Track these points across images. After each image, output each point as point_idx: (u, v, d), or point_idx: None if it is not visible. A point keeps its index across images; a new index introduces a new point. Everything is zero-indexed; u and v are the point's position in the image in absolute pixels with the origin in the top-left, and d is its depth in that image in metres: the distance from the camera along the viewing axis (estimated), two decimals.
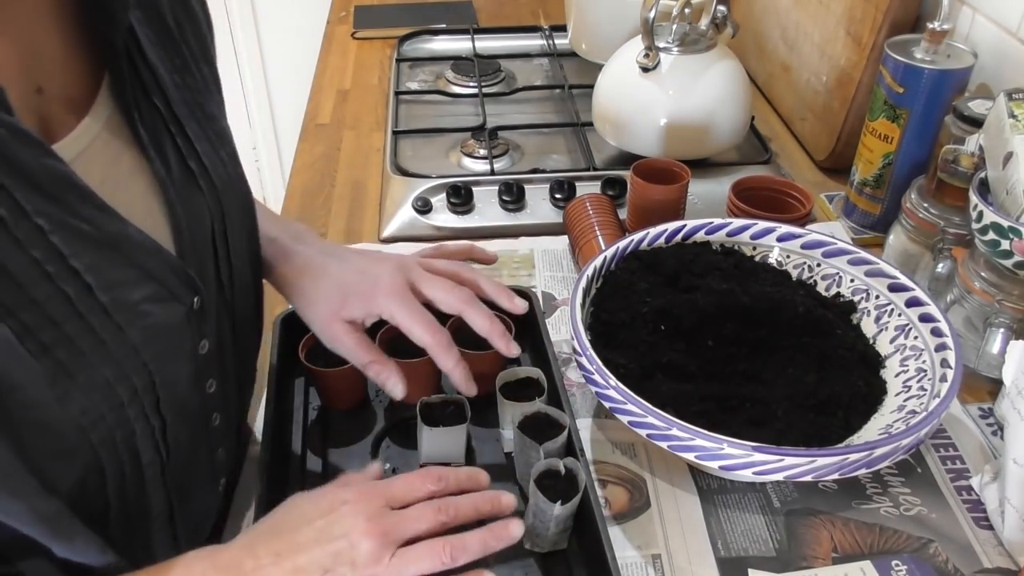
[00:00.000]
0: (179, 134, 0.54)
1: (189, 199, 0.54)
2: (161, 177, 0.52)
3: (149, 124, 0.52)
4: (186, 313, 0.52)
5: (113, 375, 0.46)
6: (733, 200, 0.88)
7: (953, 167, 0.79)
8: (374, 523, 0.49)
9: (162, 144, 0.52)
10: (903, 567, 0.61)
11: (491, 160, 1.09)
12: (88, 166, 0.46)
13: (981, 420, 0.74)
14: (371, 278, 0.65)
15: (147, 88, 0.52)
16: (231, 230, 0.59)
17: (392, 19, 1.54)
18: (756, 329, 0.72)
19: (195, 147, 0.55)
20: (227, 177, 0.58)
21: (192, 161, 0.54)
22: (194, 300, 0.53)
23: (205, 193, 0.55)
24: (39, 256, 0.42)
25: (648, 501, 0.67)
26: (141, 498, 0.51)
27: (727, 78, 1.04)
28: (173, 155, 0.53)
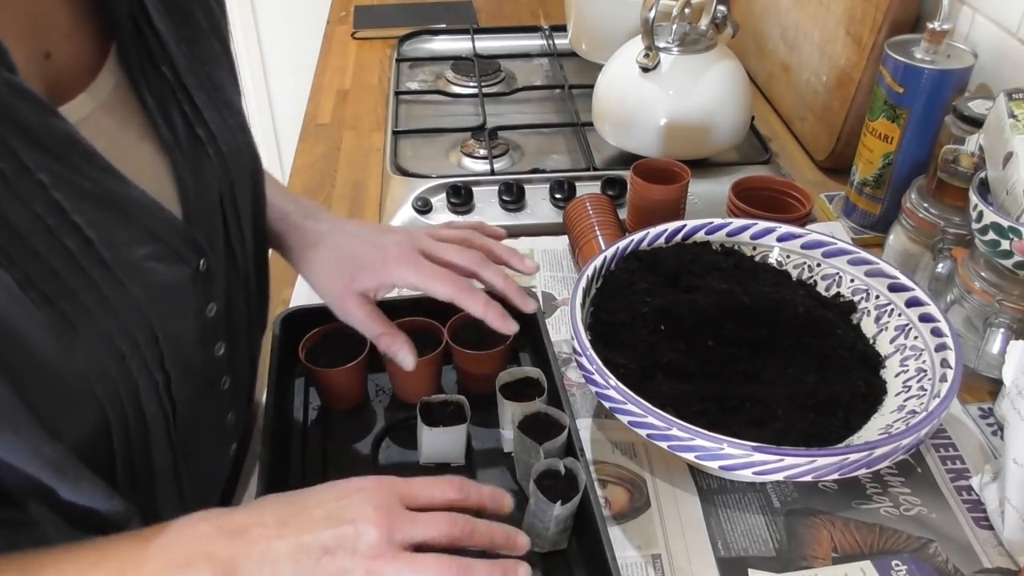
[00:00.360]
0: (186, 102, 0.55)
1: (196, 165, 0.55)
2: (168, 142, 0.53)
3: (156, 91, 0.53)
4: (192, 275, 0.53)
5: (116, 328, 0.47)
6: (733, 200, 0.88)
7: (953, 167, 0.79)
8: (383, 514, 0.48)
9: (169, 111, 0.53)
10: (903, 567, 0.61)
11: (491, 160, 1.09)
12: (94, 129, 0.48)
13: (981, 420, 0.74)
14: (381, 249, 0.66)
15: (154, 56, 0.53)
16: (240, 198, 0.60)
17: (392, 19, 1.54)
18: (756, 329, 0.72)
19: (203, 115, 0.56)
20: (235, 146, 0.59)
21: (200, 128, 0.55)
22: (200, 263, 0.54)
23: (213, 160, 0.56)
24: (40, 210, 0.43)
25: (648, 501, 0.67)
26: (146, 453, 0.52)
27: (727, 78, 1.04)
28: (180, 122, 0.54)
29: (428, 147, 1.15)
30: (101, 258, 0.46)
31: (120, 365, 0.48)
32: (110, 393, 0.48)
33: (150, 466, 0.54)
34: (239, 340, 0.62)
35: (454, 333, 0.73)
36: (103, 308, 0.46)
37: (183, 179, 0.54)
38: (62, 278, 0.44)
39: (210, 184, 0.56)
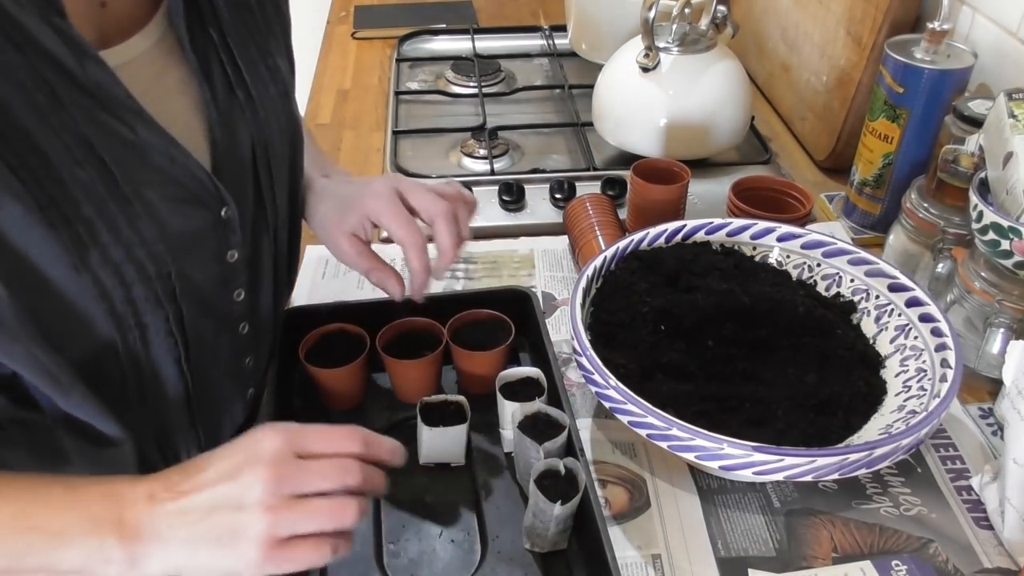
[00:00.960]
0: (229, 63, 0.58)
1: (230, 122, 0.59)
2: (205, 98, 0.57)
3: (201, 49, 0.57)
4: (213, 221, 0.57)
5: (126, 256, 0.50)
6: (733, 200, 0.88)
7: (953, 167, 0.79)
8: (271, 468, 0.48)
9: (210, 69, 0.57)
10: (903, 567, 0.61)
11: (491, 160, 1.09)
12: (133, 75, 0.51)
13: (981, 420, 0.74)
14: (366, 186, 0.70)
15: (204, 17, 0.57)
16: (274, 159, 0.63)
17: (392, 19, 1.54)
18: (756, 329, 0.72)
19: (244, 78, 0.59)
20: (274, 112, 0.63)
21: (239, 90, 0.59)
22: (222, 211, 0.58)
23: (249, 121, 0.60)
24: (69, 142, 0.47)
25: (648, 501, 0.67)
26: (155, 379, 0.57)
27: (727, 78, 1.04)
28: (220, 81, 0.58)
29: (428, 147, 1.15)
30: (122, 192, 0.50)
31: (126, 291, 0.51)
32: (116, 314, 0.51)
33: (161, 393, 0.58)
34: (262, 290, 0.66)
35: (454, 333, 0.73)
36: (115, 236, 0.50)
37: (215, 134, 0.58)
38: (81, 205, 0.48)
39: (242, 142, 0.60)
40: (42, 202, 0.46)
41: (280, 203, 0.66)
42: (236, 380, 0.67)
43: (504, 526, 0.64)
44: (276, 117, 0.63)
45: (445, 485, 0.67)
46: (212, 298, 0.59)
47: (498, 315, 0.74)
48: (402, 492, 0.67)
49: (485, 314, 0.75)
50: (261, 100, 0.61)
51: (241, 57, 0.59)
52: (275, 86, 0.63)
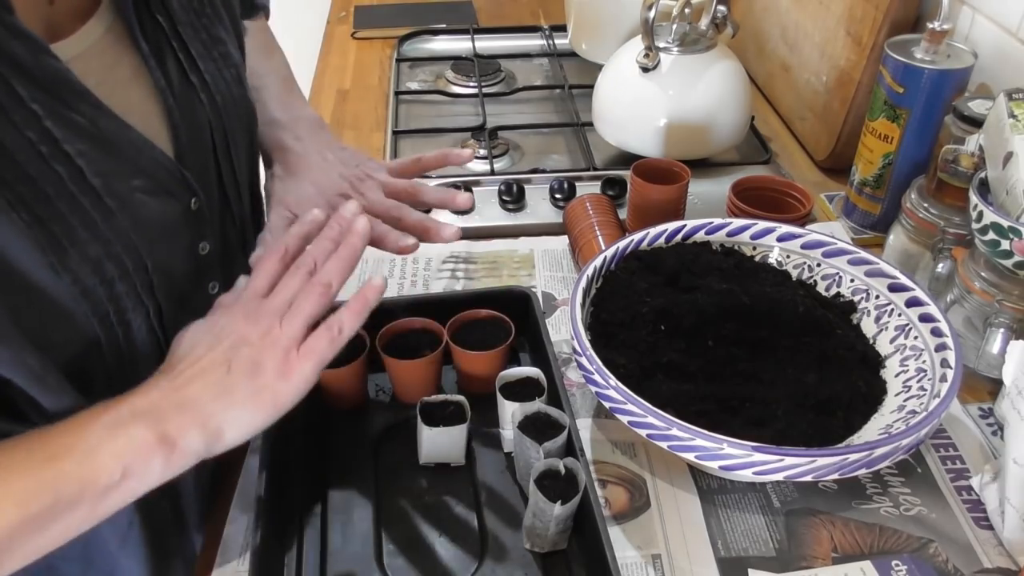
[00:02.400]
0: (181, 49, 0.58)
1: (188, 108, 0.58)
2: (160, 85, 0.56)
3: (151, 36, 0.56)
4: (183, 211, 0.57)
5: (104, 253, 0.50)
6: (733, 200, 0.88)
7: (953, 167, 0.79)
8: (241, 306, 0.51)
9: (163, 55, 0.57)
10: (903, 567, 0.61)
11: (491, 160, 1.09)
12: (86, 67, 0.51)
13: (981, 420, 0.74)
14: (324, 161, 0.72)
15: (151, 5, 0.56)
16: (233, 145, 0.63)
17: (392, 19, 1.54)
18: (756, 329, 0.72)
19: (197, 64, 0.59)
20: (230, 95, 0.62)
21: (194, 75, 0.59)
22: (191, 201, 0.57)
23: (206, 106, 0.60)
24: (33, 137, 0.46)
25: (648, 501, 0.67)
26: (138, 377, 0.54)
27: (727, 78, 1.04)
28: (174, 67, 0.57)
29: (428, 147, 1.15)
30: (91, 186, 0.49)
31: (108, 288, 0.51)
32: (99, 312, 0.51)
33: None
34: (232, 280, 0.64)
35: (454, 333, 0.73)
36: (91, 232, 0.49)
37: (175, 121, 0.57)
38: (53, 202, 0.47)
39: (202, 128, 0.60)
40: (13, 202, 0.45)
41: (243, 192, 0.66)
42: None
43: (504, 526, 0.64)
44: (233, 103, 0.63)
45: (445, 485, 0.67)
46: (189, 292, 0.60)
47: (498, 315, 0.74)
48: (402, 492, 0.67)
49: (485, 314, 0.75)
50: (216, 86, 0.61)
51: (192, 43, 0.59)
52: (229, 70, 0.62)
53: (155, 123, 0.56)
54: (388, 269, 0.92)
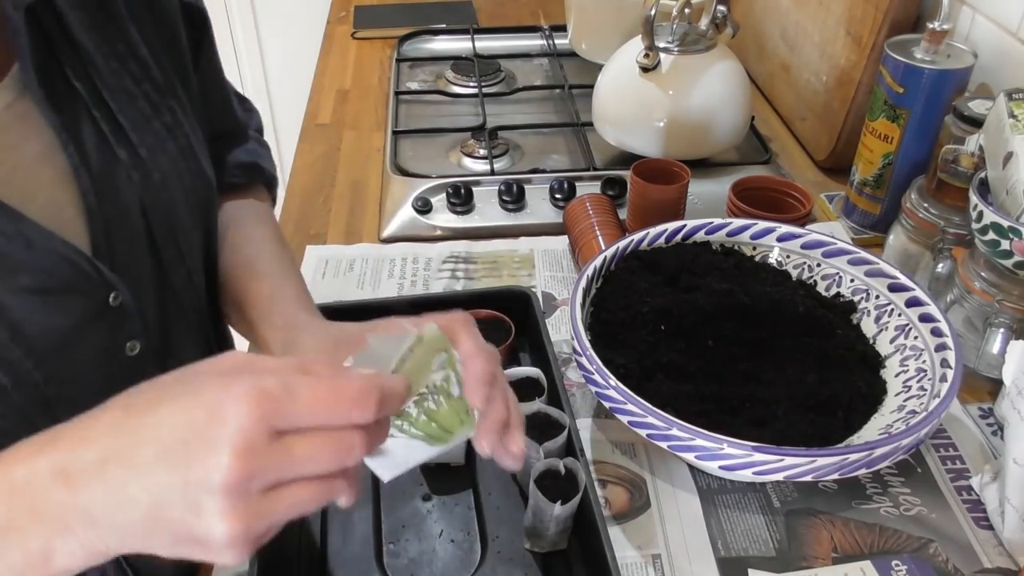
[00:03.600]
0: (105, 119, 0.51)
1: (110, 189, 0.51)
2: (73, 164, 0.49)
3: (67, 108, 0.49)
4: (97, 310, 0.49)
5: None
6: (733, 200, 0.88)
7: (953, 167, 0.79)
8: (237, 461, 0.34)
9: (79, 128, 0.50)
10: (903, 567, 0.61)
11: (491, 160, 1.09)
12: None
13: (981, 420, 0.74)
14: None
15: (70, 69, 0.49)
16: (180, 228, 0.55)
17: (392, 19, 1.54)
18: (756, 329, 0.72)
19: (129, 136, 0.52)
20: (174, 170, 0.54)
21: (122, 149, 0.51)
22: (109, 296, 0.50)
23: (136, 184, 0.52)
24: None
25: (648, 501, 0.67)
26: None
27: (727, 78, 1.04)
28: (93, 141, 0.50)
29: (428, 147, 1.15)
30: None
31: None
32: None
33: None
34: None
35: None
36: None
37: (90, 205, 0.50)
38: None
39: (129, 210, 0.52)
40: None
41: (196, 278, 0.57)
42: None
43: (504, 526, 0.64)
44: (178, 177, 0.55)
45: (445, 485, 0.67)
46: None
47: (498, 315, 0.74)
48: (402, 492, 0.67)
49: (485, 314, 0.75)
50: (154, 159, 0.53)
51: (125, 112, 0.51)
52: (174, 142, 0.55)
53: (65, 209, 0.49)
54: (388, 268, 0.92)
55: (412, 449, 0.48)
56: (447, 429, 0.46)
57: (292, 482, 0.36)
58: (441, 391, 0.46)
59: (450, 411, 0.47)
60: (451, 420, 0.46)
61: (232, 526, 0.34)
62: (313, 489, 0.37)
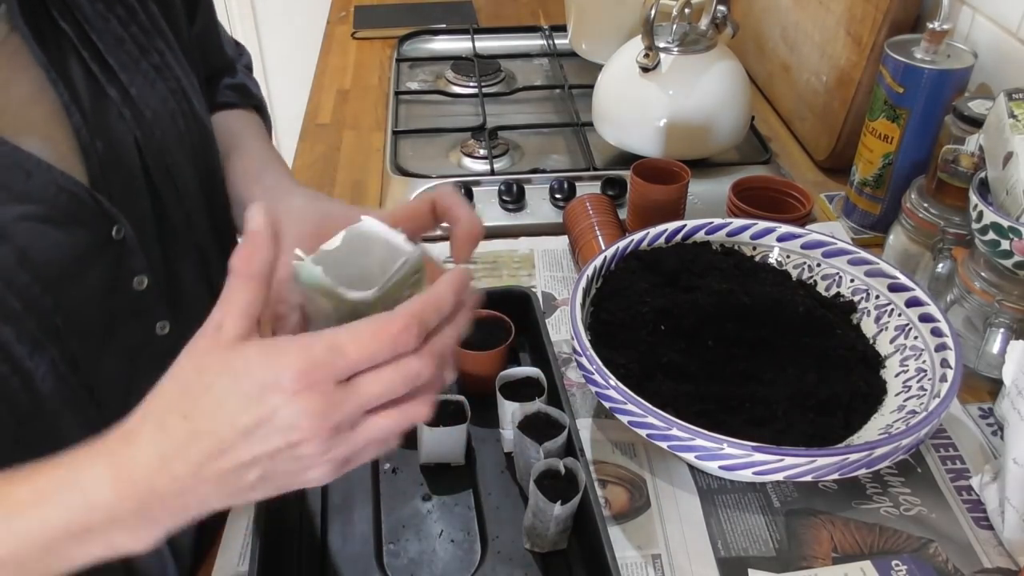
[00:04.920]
0: (94, 59, 0.52)
1: (104, 126, 0.52)
2: (65, 102, 0.50)
3: (53, 45, 0.51)
4: (100, 242, 0.50)
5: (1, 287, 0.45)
6: (733, 200, 0.88)
7: (953, 167, 0.79)
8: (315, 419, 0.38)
9: (67, 67, 0.51)
10: (903, 567, 0.61)
11: (491, 160, 1.09)
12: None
13: (981, 420, 0.74)
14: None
15: (54, 11, 0.51)
16: (176, 167, 0.57)
17: (392, 19, 1.54)
18: (756, 329, 0.72)
19: (118, 75, 0.53)
20: (164, 110, 0.56)
21: (112, 88, 0.53)
22: (112, 229, 0.51)
23: (128, 121, 0.54)
24: None
25: (648, 501, 0.67)
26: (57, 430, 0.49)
27: (727, 78, 1.04)
28: (82, 80, 0.52)
29: (428, 147, 1.15)
30: None
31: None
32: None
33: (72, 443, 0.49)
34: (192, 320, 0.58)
35: None
36: None
37: (82, 141, 0.51)
38: None
39: (125, 146, 0.53)
40: None
41: (197, 218, 0.59)
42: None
43: (504, 526, 0.64)
44: (170, 117, 0.56)
45: (445, 485, 0.67)
46: (121, 334, 0.52)
47: (498, 315, 0.74)
48: (402, 492, 0.67)
49: (485, 314, 0.74)
50: (144, 98, 0.54)
51: (113, 52, 0.53)
52: (164, 83, 0.56)
53: (60, 145, 0.50)
54: None
55: None
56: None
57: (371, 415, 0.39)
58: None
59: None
60: None
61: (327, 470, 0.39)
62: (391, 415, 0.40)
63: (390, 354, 0.39)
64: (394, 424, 0.40)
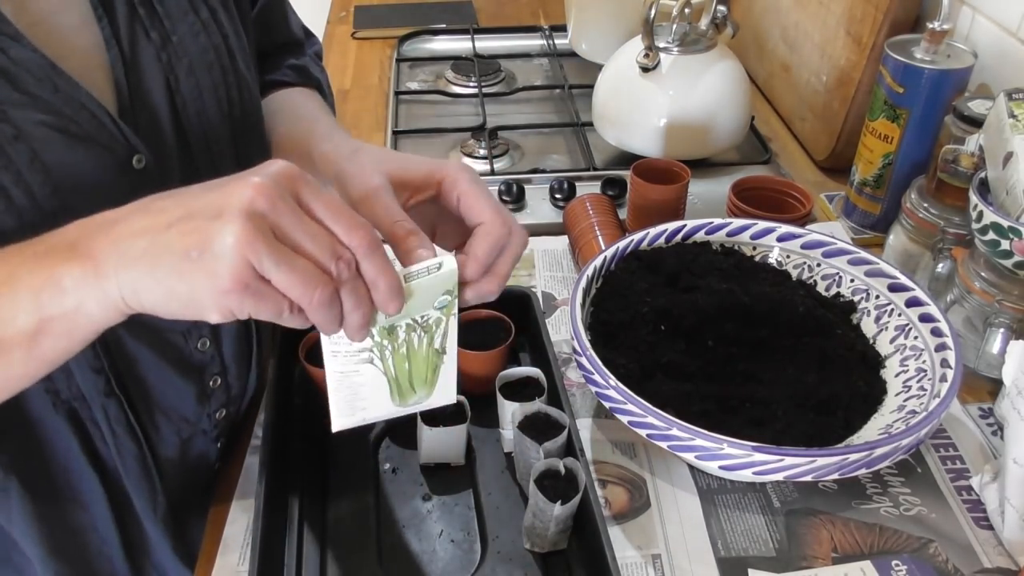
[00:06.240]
0: (142, 3, 0.55)
1: (139, 64, 0.55)
2: (106, 36, 0.54)
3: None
4: (118, 167, 0.53)
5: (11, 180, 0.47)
6: (733, 200, 0.88)
7: (953, 167, 0.79)
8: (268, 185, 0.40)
9: (113, 6, 0.54)
10: (903, 567, 0.61)
11: (491, 160, 1.09)
12: (20, 6, 0.49)
13: (981, 420, 0.74)
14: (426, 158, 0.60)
15: None
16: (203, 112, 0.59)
17: (392, 19, 1.54)
18: (756, 329, 0.72)
19: (163, 21, 0.56)
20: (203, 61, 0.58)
21: (155, 32, 0.56)
22: (134, 158, 0.54)
23: (164, 64, 0.56)
24: None
25: (648, 501, 0.67)
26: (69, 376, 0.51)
27: (727, 78, 1.04)
28: (126, 20, 0.55)
29: (428, 147, 1.15)
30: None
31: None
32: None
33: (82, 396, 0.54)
34: None
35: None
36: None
37: (117, 72, 0.54)
38: None
39: (156, 88, 0.56)
40: None
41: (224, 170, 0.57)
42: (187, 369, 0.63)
43: (504, 526, 0.64)
44: (206, 69, 0.59)
45: (445, 485, 0.67)
46: None
47: (498, 315, 0.74)
48: (402, 492, 0.67)
49: (485, 314, 0.75)
50: (184, 46, 0.57)
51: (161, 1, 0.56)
52: (208, 38, 0.59)
53: (97, 74, 0.53)
54: None
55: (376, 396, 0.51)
56: (412, 383, 0.49)
57: (294, 256, 0.40)
58: (428, 332, 0.47)
59: (425, 360, 0.49)
60: (421, 371, 0.49)
61: (244, 228, 0.38)
62: (307, 265, 0.40)
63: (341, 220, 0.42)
64: (305, 281, 0.40)
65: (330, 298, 0.41)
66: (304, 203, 0.42)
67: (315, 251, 0.41)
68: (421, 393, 0.51)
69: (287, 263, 0.40)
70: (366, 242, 0.42)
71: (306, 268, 0.40)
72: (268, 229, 0.39)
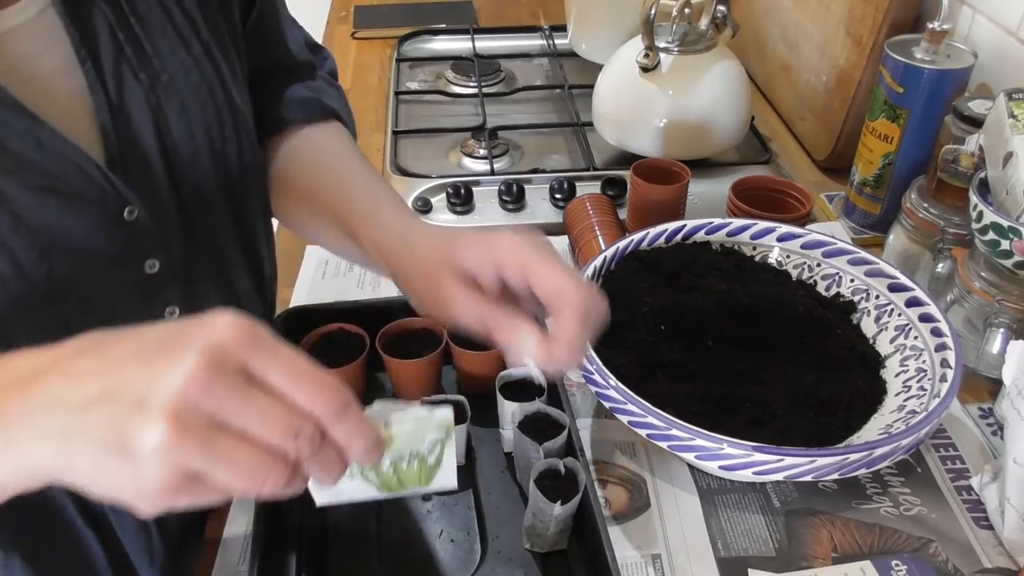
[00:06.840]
0: (129, 42, 0.52)
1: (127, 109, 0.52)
2: (90, 80, 0.51)
3: (87, 23, 0.50)
4: (111, 222, 0.51)
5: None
6: (733, 200, 0.88)
7: (953, 167, 0.79)
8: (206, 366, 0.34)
9: (96, 46, 0.51)
10: (903, 567, 0.61)
11: (491, 160, 1.09)
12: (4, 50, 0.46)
13: (981, 420, 0.74)
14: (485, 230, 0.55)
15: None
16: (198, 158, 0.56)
17: (392, 19, 1.54)
18: (756, 329, 0.72)
19: (151, 60, 0.53)
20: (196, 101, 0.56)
21: (142, 73, 0.53)
22: (124, 210, 0.51)
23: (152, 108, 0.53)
24: None
25: (648, 501, 0.67)
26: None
27: (727, 78, 1.04)
28: (112, 62, 0.51)
29: (428, 147, 1.15)
30: None
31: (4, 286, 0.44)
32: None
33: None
34: (201, 306, 0.56)
35: (454, 333, 0.73)
36: None
37: (103, 122, 0.51)
38: None
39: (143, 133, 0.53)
40: None
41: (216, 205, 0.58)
42: None
43: (504, 526, 0.64)
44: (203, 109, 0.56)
45: None
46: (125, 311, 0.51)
47: None
48: None
49: None
50: (175, 86, 0.54)
51: (149, 37, 0.53)
52: (200, 75, 0.56)
53: (82, 121, 0.50)
54: None
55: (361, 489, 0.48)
56: (403, 484, 0.47)
57: (237, 437, 0.34)
58: (418, 457, 0.47)
59: (418, 472, 0.47)
60: (414, 479, 0.47)
61: (169, 432, 0.32)
62: (253, 455, 0.34)
63: (306, 387, 0.36)
64: (248, 464, 0.34)
65: (288, 479, 0.36)
66: (256, 373, 0.35)
67: (265, 434, 0.35)
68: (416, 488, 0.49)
69: (226, 459, 0.34)
70: (333, 407, 0.37)
71: (251, 458, 0.34)
72: (202, 422, 0.33)
